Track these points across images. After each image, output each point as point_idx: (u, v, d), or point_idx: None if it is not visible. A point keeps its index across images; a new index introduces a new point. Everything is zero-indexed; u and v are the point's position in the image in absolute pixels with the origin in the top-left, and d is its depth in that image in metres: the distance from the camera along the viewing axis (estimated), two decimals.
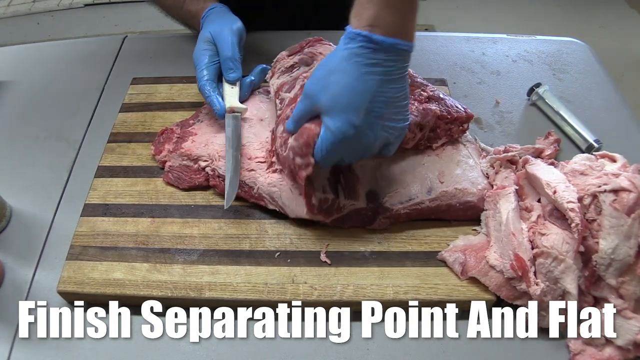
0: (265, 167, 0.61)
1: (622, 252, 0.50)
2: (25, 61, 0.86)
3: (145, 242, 0.58)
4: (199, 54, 0.68)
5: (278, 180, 0.59)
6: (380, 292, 0.54)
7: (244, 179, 0.61)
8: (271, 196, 0.59)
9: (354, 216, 0.58)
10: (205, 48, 0.68)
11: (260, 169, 0.61)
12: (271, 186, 0.59)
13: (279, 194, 0.58)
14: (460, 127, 0.63)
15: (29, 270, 0.58)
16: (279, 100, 0.63)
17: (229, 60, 0.67)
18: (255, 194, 0.60)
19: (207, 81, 0.66)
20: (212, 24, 0.70)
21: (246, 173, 0.61)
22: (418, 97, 0.61)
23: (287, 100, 0.61)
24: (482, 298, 0.53)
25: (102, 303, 0.55)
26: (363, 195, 0.58)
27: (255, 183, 0.60)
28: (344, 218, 0.58)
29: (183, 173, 0.64)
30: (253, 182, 0.60)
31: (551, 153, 0.65)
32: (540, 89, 0.75)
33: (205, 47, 0.68)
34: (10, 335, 0.53)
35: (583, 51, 0.86)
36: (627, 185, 0.51)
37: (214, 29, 0.68)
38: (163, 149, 0.66)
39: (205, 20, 0.72)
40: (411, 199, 0.58)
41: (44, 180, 0.67)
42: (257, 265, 0.56)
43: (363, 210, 0.58)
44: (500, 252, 0.54)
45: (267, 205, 0.60)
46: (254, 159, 0.63)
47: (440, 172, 0.61)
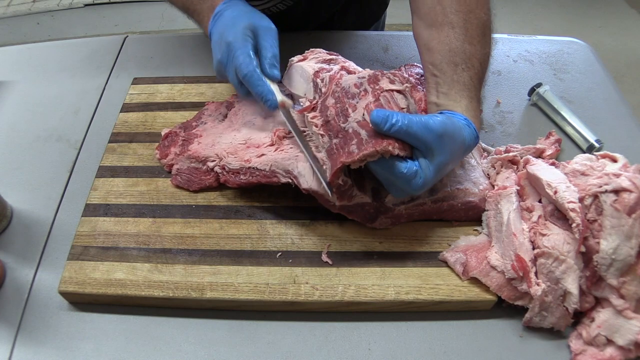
0: (273, 150, 0.62)
1: (623, 252, 0.50)
2: (25, 61, 0.86)
3: (146, 242, 0.58)
4: (240, 37, 0.61)
5: (293, 155, 0.59)
6: (382, 292, 0.54)
7: (255, 165, 0.61)
8: (285, 169, 0.59)
9: (358, 209, 0.58)
10: (248, 35, 0.62)
11: (269, 152, 0.62)
12: (285, 160, 0.59)
13: (295, 165, 0.58)
14: None
15: (30, 270, 0.58)
16: (320, 80, 0.63)
17: (274, 58, 0.62)
18: (267, 173, 0.60)
19: (255, 68, 0.60)
20: (251, 15, 0.65)
21: (257, 159, 0.61)
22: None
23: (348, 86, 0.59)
24: (483, 298, 0.53)
25: (103, 303, 0.55)
26: (370, 191, 0.58)
27: (268, 162, 0.60)
28: (350, 208, 0.57)
29: (192, 175, 0.64)
30: (265, 164, 0.60)
31: (552, 153, 0.65)
32: (541, 89, 0.75)
33: (248, 34, 0.62)
34: (12, 335, 0.53)
35: (584, 51, 0.86)
36: (628, 186, 0.51)
37: (259, 23, 0.64)
38: (169, 153, 0.66)
39: (229, 9, 0.65)
40: (413, 199, 0.58)
41: (45, 180, 0.67)
42: (258, 266, 0.56)
43: (367, 206, 0.58)
44: (501, 253, 0.54)
45: (280, 179, 0.59)
46: (262, 145, 0.63)
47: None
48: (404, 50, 0.86)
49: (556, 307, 0.51)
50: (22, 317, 0.55)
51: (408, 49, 0.86)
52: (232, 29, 0.62)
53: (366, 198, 0.57)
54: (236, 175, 0.62)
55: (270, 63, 0.62)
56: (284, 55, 0.66)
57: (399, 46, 0.87)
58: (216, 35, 0.64)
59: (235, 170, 0.62)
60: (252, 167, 0.61)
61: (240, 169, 0.61)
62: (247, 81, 0.60)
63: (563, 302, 0.51)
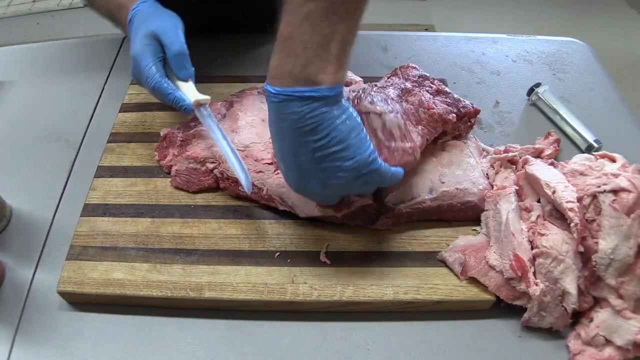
0: (272, 169, 0.61)
1: (622, 252, 0.50)
2: (25, 61, 0.86)
3: (145, 242, 0.58)
4: (141, 50, 0.61)
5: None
6: (380, 292, 0.54)
7: (253, 181, 0.61)
8: (281, 197, 0.59)
9: (361, 213, 0.58)
10: (147, 43, 0.61)
11: (268, 171, 0.61)
12: (280, 187, 0.59)
13: (288, 195, 0.58)
14: (468, 122, 0.64)
15: (29, 270, 0.58)
16: None
17: (180, 56, 0.61)
18: (265, 196, 0.60)
19: (162, 78, 0.61)
20: (150, 19, 0.64)
21: (254, 175, 0.61)
22: (430, 90, 0.63)
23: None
24: (481, 298, 0.53)
25: (102, 303, 0.55)
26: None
27: (264, 184, 0.60)
28: (352, 214, 0.58)
29: (191, 176, 0.64)
30: (262, 184, 0.60)
31: (551, 153, 0.65)
32: (540, 89, 0.75)
33: (148, 43, 0.61)
34: (10, 334, 0.53)
35: (583, 51, 0.86)
36: (627, 186, 0.51)
37: (156, 24, 0.62)
38: (168, 154, 0.66)
39: (137, 14, 0.65)
40: (413, 198, 0.58)
41: (44, 180, 0.67)
42: (256, 266, 0.56)
43: (369, 207, 0.58)
44: (500, 253, 0.54)
45: (278, 206, 0.60)
46: (260, 160, 0.62)
47: (442, 172, 0.61)
48: (403, 50, 0.86)
49: (554, 307, 0.51)
50: (21, 317, 0.55)
51: (407, 49, 0.86)
52: (134, 40, 0.63)
53: (366, 200, 0.57)
54: (235, 186, 0.62)
55: (176, 64, 0.62)
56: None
57: (398, 46, 0.87)
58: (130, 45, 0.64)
59: (234, 179, 0.62)
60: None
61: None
62: (157, 93, 0.61)
63: (561, 302, 0.51)
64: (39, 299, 0.56)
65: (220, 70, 0.82)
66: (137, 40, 0.62)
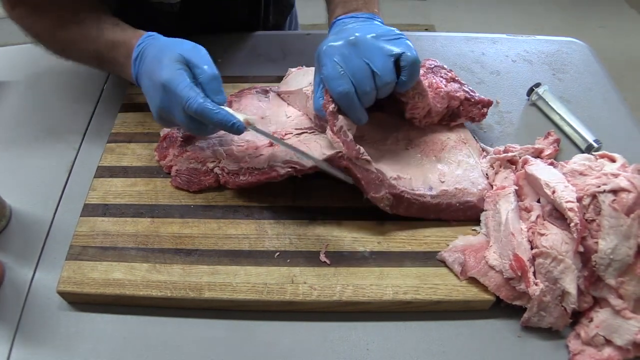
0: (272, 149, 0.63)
1: (622, 252, 0.50)
2: (25, 61, 0.86)
3: (144, 242, 0.58)
4: (172, 75, 0.55)
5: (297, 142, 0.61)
6: (380, 292, 0.54)
7: (253, 165, 0.61)
8: (283, 160, 0.59)
9: (364, 171, 0.57)
10: (179, 68, 0.56)
11: (268, 152, 0.62)
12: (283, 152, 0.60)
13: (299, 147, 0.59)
14: (481, 110, 0.67)
15: (29, 270, 0.58)
16: None
17: (215, 80, 0.57)
18: (266, 169, 0.60)
19: (205, 98, 0.55)
20: (171, 46, 0.59)
21: (255, 160, 0.62)
22: (445, 76, 0.67)
23: None
24: (481, 298, 0.53)
25: (102, 303, 0.55)
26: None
27: (265, 160, 0.61)
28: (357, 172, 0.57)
29: (192, 176, 0.64)
30: (264, 163, 0.61)
31: (551, 153, 0.65)
32: (539, 89, 0.75)
33: (179, 67, 0.56)
34: (10, 334, 0.53)
35: (583, 51, 0.86)
36: (627, 186, 0.51)
37: (182, 49, 0.58)
38: (168, 154, 0.66)
39: (149, 46, 0.61)
40: (414, 190, 0.59)
41: (44, 180, 0.67)
42: (256, 266, 0.56)
43: (373, 174, 0.57)
44: (499, 252, 0.54)
45: (279, 171, 0.59)
46: (261, 147, 0.63)
47: (441, 172, 0.61)
48: None
49: (554, 307, 0.51)
50: (21, 317, 0.55)
51: None
52: (161, 67, 0.57)
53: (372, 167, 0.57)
54: (235, 177, 0.62)
55: (213, 89, 0.57)
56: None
57: None
58: (146, 80, 0.59)
59: (234, 172, 0.62)
60: (250, 167, 0.61)
61: (239, 170, 0.62)
62: (202, 114, 0.54)
63: (561, 302, 0.51)
64: (39, 299, 0.56)
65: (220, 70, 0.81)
66: (168, 66, 0.56)
